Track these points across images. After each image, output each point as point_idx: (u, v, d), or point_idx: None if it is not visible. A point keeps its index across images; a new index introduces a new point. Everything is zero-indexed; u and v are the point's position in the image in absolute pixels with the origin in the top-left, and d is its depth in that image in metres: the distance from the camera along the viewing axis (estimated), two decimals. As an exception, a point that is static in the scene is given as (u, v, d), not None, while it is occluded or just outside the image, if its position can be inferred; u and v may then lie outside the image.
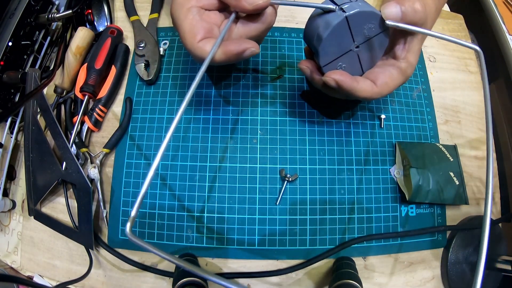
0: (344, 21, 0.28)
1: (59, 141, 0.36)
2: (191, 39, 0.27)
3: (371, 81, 0.30)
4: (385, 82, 0.30)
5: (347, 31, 0.29)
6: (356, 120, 0.40)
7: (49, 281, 0.37)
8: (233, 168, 0.37)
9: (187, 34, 0.27)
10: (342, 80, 0.28)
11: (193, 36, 0.27)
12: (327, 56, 0.30)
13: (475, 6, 0.53)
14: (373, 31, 0.29)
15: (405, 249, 0.37)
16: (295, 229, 0.36)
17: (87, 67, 0.40)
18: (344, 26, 0.28)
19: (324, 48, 0.29)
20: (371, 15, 0.28)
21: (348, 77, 0.29)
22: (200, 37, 0.27)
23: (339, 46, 0.30)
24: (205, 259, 0.36)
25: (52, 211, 0.38)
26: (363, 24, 0.28)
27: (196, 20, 0.27)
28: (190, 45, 0.27)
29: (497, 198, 0.41)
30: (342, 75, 0.29)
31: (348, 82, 0.29)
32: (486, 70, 0.27)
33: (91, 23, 0.44)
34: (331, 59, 0.30)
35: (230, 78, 0.41)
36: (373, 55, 0.31)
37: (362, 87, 0.29)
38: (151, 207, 0.36)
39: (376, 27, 0.29)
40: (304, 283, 0.36)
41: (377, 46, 0.30)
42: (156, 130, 0.39)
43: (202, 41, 0.27)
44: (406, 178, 0.37)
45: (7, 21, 0.37)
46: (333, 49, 0.30)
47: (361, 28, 0.29)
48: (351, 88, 0.29)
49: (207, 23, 0.28)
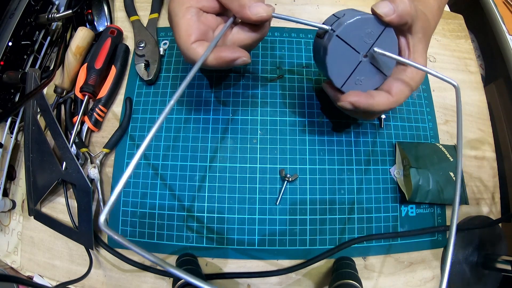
0: (337, 40, 0.28)
1: (59, 141, 0.36)
2: (186, 39, 0.27)
3: (386, 92, 0.29)
4: (400, 90, 0.29)
5: (347, 47, 0.28)
6: (356, 120, 0.40)
7: (49, 281, 0.37)
8: (233, 168, 0.37)
9: (182, 33, 0.27)
10: (357, 101, 0.28)
11: (188, 36, 0.27)
12: (340, 77, 0.30)
13: (475, 6, 0.53)
14: (373, 35, 0.28)
15: (405, 249, 0.37)
16: (295, 229, 0.36)
17: (87, 67, 0.40)
18: (340, 44, 0.28)
19: (332, 71, 0.30)
20: (362, 21, 0.27)
21: (362, 96, 0.29)
22: (194, 38, 0.27)
23: (346, 63, 0.29)
24: (205, 259, 0.36)
25: (52, 211, 0.38)
26: (359, 33, 0.28)
27: (193, 21, 0.27)
28: (184, 44, 0.27)
29: (497, 198, 0.41)
30: (356, 96, 0.29)
31: (363, 101, 0.28)
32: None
33: (91, 23, 0.44)
34: (345, 79, 0.30)
35: (230, 78, 0.41)
36: None
37: (378, 101, 0.29)
38: (151, 207, 0.36)
39: (374, 29, 0.28)
40: (304, 283, 0.36)
41: (386, 45, 0.29)
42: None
43: (196, 43, 0.27)
44: (406, 178, 0.37)
45: (7, 21, 0.37)
46: (342, 68, 0.30)
47: (359, 37, 0.28)
48: (368, 105, 0.28)
49: (203, 25, 0.28)
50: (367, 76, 0.30)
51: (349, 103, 0.29)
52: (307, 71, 0.41)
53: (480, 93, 0.44)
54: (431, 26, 0.32)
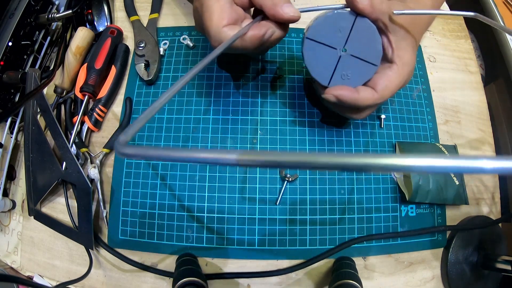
0: (309, 42, 0.29)
1: (59, 141, 0.36)
2: (218, 22, 0.27)
3: (371, 88, 0.30)
4: (384, 85, 0.29)
5: (321, 46, 0.29)
6: (356, 120, 0.40)
7: (49, 281, 0.37)
8: (233, 168, 0.37)
9: (215, 16, 0.27)
10: (341, 94, 0.29)
11: (221, 19, 0.27)
12: (324, 76, 0.30)
13: (475, 6, 0.53)
14: (346, 27, 0.28)
15: (405, 249, 0.37)
16: (295, 229, 0.36)
17: (87, 67, 0.40)
18: (313, 45, 0.29)
19: (315, 72, 0.30)
20: (327, 19, 0.28)
21: (347, 90, 0.29)
22: (227, 22, 0.27)
23: (326, 61, 0.30)
24: (205, 259, 0.36)
25: (52, 211, 0.38)
26: (329, 30, 0.28)
27: (227, 7, 0.28)
28: (216, 27, 0.27)
29: (497, 198, 0.41)
30: (341, 89, 0.29)
31: (348, 94, 0.29)
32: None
33: (91, 23, 0.44)
34: (329, 76, 0.30)
35: (230, 78, 0.41)
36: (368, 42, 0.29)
37: (363, 96, 0.29)
38: (151, 207, 0.36)
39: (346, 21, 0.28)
40: (304, 283, 0.36)
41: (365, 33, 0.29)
42: (156, 130, 0.39)
43: (227, 27, 0.27)
44: (406, 178, 0.37)
45: (7, 21, 0.37)
46: (324, 67, 0.30)
47: (331, 33, 0.29)
48: (352, 99, 0.29)
49: (235, 14, 0.28)
50: (354, 70, 0.30)
51: (333, 96, 0.29)
52: (307, 71, 0.41)
53: (480, 93, 0.44)
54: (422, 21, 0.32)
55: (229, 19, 0.27)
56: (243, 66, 0.41)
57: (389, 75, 0.30)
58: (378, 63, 0.30)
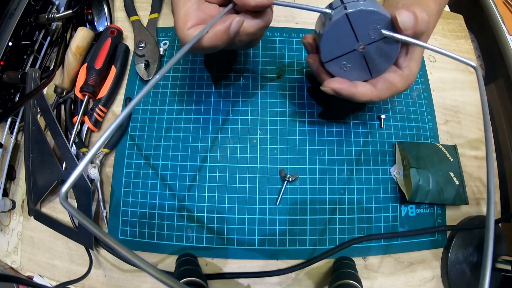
0: (344, 18, 0.27)
1: (59, 141, 0.36)
2: (182, 25, 0.27)
3: (370, 84, 0.30)
4: (385, 87, 0.30)
5: (349, 30, 0.28)
6: (356, 120, 0.40)
7: (49, 281, 0.37)
8: (233, 168, 0.37)
9: (179, 20, 0.27)
10: (339, 88, 0.29)
11: (185, 23, 0.27)
12: (329, 53, 0.30)
13: (475, 6, 0.53)
14: (379, 33, 0.28)
15: (405, 249, 0.37)
16: (295, 229, 0.36)
17: (87, 67, 0.40)
18: (344, 24, 0.28)
19: (324, 45, 0.29)
20: (376, 14, 0.27)
21: (345, 84, 0.29)
22: (191, 24, 0.27)
23: (341, 44, 0.29)
24: (205, 259, 0.36)
25: (52, 211, 0.38)
26: (367, 24, 0.27)
27: (193, 9, 0.27)
28: (180, 31, 0.27)
29: (497, 198, 0.41)
30: (340, 83, 0.29)
31: (346, 88, 0.29)
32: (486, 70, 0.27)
33: (91, 23, 0.44)
34: (332, 57, 0.30)
35: (230, 78, 0.41)
36: (382, 59, 0.29)
37: (361, 91, 0.30)
38: (151, 207, 0.36)
39: (384, 28, 0.27)
40: (304, 283, 0.36)
41: (387, 50, 0.29)
42: (156, 130, 0.39)
43: (192, 29, 0.27)
44: (406, 178, 0.37)
45: (7, 21, 0.37)
46: (334, 46, 0.29)
47: (365, 28, 0.28)
48: (350, 94, 0.30)
49: (203, 14, 0.28)
50: (354, 67, 0.30)
51: (331, 89, 0.30)
52: (307, 71, 0.41)
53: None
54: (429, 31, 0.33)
55: (194, 21, 0.27)
56: (243, 67, 0.41)
57: (393, 80, 0.30)
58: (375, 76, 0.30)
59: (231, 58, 0.42)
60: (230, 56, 0.42)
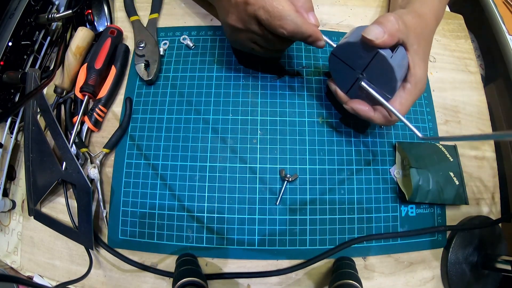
0: (333, 57, 0.32)
1: (59, 141, 0.36)
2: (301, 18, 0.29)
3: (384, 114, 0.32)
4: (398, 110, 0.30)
5: (342, 64, 0.32)
6: (356, 120, 0.40)
7: (49, 281, 0.37)
8: (233, 168, 0.37)
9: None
10: (358, 109, 0.32)
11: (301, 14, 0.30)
12: (343, 86, 0.34)
13: (475, 6, 0.53)
14: (367, 56, 0.29)
15: (405, 249, 0.37)
16: (295, 229, 0.36)
17: (87, 67, 0.40)
18: (336, 61, 0.32)
19: (337, 82, 0.34)
20: (351, 44, 0.30)
21: (365, 106, 0.32)
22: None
23: (346, 77, 0.33)
24: (205, 259, 0.36)
25: (52, 211, 0.38)
26: (352, 53, 0.30)
27: None
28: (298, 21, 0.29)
29: (497, 198, 0.41)
30: (360, 104, 0.32)
31: (364, 111, 0.32)
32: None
33: (91, 23, 0.44)
34: (347, 88, 0.34)
35: (230, 78, 0.41)
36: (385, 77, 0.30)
37: (377, 117, 0.32)
38: (151, 207, 0.36)
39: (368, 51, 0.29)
40: (304, 283, 0.36)
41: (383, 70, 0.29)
42: (156, 130, 0.39)
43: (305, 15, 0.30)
44: (406, 178, 0.37)
45: (7, 21, 0.37)
46: (343, 80, 0.33)
47: (353, 56, 0.30)
48: (367, 117, 0.32)
49: None
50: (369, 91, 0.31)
51: (351, 108, 0.33)
52: (307, 71, 0.41)
53: (480, 93, 0.44)
54: (430, 26, 0.33)
55: None
56: (243, 66, 0.41)
57: (402, 97, 0.31)
58: (392, 96, 0.31)
59: (231, 58, 0.42)
60: (230, 56, 0.42)
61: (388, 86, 0.30)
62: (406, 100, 0.31)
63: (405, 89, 0.31)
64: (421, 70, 0.30)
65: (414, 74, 0.30)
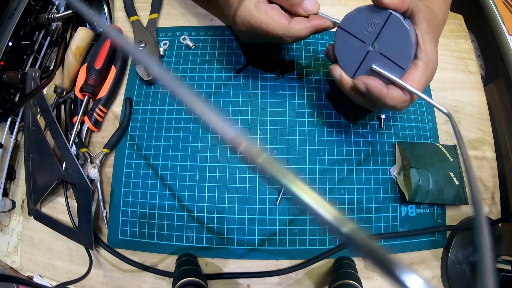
0: (341, 31, 0.30)
1: (59, 141, 0.36)
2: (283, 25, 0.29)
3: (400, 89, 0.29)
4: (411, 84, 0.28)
5: (352, 37, 0.30)
6: (356, 120, 0.40)
7: (49, 281, 0.37)
8: (233, 168, 0.37)
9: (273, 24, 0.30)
10: (371, 84, 0.28)
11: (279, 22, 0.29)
12: (350, 67, 0.31)
13: (475, 6, 0.53)
14: (378, 23, 0.28)
15: (405, 249, 0.37)
16: (295, 229, 0.36)
17: (87, 67, 0.40)
18: (345, 35, 0.30)
19: (342, 61, 0.31)
20: (362, 11, 0.28)
21: (378, 82, 0.28)
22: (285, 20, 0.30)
23: (354, 53, 0.30)
24: (205, 259, 0.36)
25: (52, 211, 0.38)
26: (362, 23, 0.28)
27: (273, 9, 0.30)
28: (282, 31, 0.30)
29: (497, 198, 0.41)
30: (373, 80, 0.29)
31: (377, 87, 0.28)
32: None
33: (91, 23, 0.44)
34: (355, 68, 0.31)
35: (230, 78, 0.41)
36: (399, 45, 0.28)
37: (392, 94, 0.28)
38: (151, 207, 0.36)
39: (379, 17, 0.27)
40: (304, 283, 0.36)
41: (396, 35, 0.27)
42: (156, 130, 0.39)
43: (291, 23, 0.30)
44: (406, 178, 0.37)
45: (7, 21, 0.37)
46: (350, 60, 0.31)
47: (363, 26, 0.29)
48: (381, 94, 0.28)
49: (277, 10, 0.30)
50: (380, 68, 0.29)
51: (363, 83, 0.29)
52: (307, 71, 0.41)
53: (480, 93, 0.44)
54: (438, 20, 0.32)
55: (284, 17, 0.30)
56: (243, 66, 0.41)
57: (415, 76, 0.28)
58: (407, 67, 0.28)
59: (231, 58, 0.42)
60: (230, 56, 0.42)
61: (402, 54, 0.28)
62: (420, 78, 0.28)
63: (417, 66, 0.28)
64: (433, 50, 0.28)
65: (425, 50, 0.28)
